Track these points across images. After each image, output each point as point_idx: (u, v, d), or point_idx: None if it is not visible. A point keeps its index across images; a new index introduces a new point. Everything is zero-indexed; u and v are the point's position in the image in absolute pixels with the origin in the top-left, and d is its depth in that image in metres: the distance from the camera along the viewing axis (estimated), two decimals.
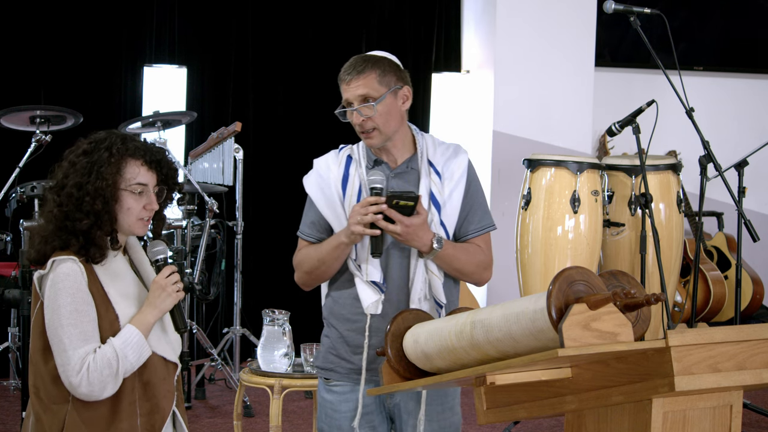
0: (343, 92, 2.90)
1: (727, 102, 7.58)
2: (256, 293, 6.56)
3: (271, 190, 6.76)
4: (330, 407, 2.94)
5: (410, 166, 2.93)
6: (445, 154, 2.96)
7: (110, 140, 2.60)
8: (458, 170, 2.94)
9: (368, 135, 2.88)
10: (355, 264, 2.86)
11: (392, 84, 2.89)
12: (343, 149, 3.01)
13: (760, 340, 2.04)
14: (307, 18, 6.85)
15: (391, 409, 2.94)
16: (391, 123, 2.89)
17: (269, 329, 3.90)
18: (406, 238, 2.77)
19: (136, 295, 2.62)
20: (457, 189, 2.92)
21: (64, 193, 2.56)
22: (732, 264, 6.66)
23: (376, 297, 2.85)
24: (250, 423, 5.23)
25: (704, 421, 2.09)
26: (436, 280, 2.88)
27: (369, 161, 2.95)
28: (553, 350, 1.93)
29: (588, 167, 4.91)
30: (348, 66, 2.91)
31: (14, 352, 5.60)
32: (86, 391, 2.47)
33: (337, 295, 2.95)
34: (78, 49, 6.35)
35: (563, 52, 6.83)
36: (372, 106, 2.85)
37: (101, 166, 2.55)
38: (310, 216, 2.99)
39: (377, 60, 2.92)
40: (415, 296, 2.86)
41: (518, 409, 2.28)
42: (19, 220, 5.14)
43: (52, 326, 2.50)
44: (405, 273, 2.88)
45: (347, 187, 2.91)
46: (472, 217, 2.96)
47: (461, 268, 2.92)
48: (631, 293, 2.05)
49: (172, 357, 2.65)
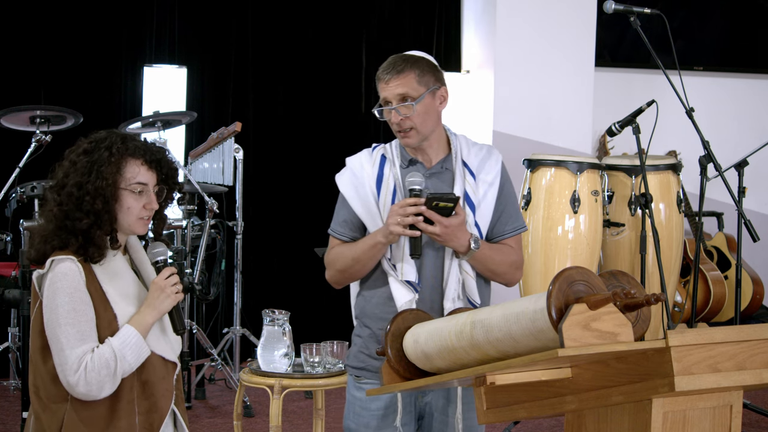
0: (380, 91, 2.91)
1: (727, 102, 7.58)
2: (256, 293, 6.56)
3: (271, 190, 6.76)
4: (359, 405, 2.95)
5: (445, 167, 2.95)
6: (479, 154, 2.98)
7: (110, 140, 2.60)
8: (492, 171, 2.96)
9: (406, 134, 2.90)
10: (390, 263, 2.87)
11: (431, 84, 2.91)
12: (377, 148, 3.01)
13: (760, 340, 2.04)
14: (307, 18, 6.85)
15: (422, 408, 2.95)
16: (428, 123, 2.91)
17: (269, 329, 3.89)
18: (445, 238, 2.79)
19: (135, 295, 2.62)
20: (491, 190, 2.94)
21: (65, 193, 2.56)
22: (732, 264, 6.66)
23: (410, 296, 2.86)
24: (250, 423, 5.23)
25: (704, 421, 2.09)
26: (470, 280, 2.90)
27: (403, 161, 2.96)
28: (553, 350, 1.93)
29: (588, 167, 4.91)
30: (387, 65, 2.92)
31: (14, 352, 5.60)
32: (84, 390, 2.48)
33: (369, 294, 2.97)
34: (78, 49, 6.35)
35: (563, 52, 6.83)
36: (411, 106, 2.86)
37: (101, 166, 2.56)
38: (342, 214, 3.00)
39: (416, 60, 2.93)
40: (449, 296, 2.87)
41: (518, 409, 2.28)
42: (19, 220, 5.14)
43: (50, 325, 2.50)
44: (439, 273, 2.89)
45: (382, 187, 2.92)
46: (506, 218, 2.98)
47: (495, 268, 2.94)
48: (631, 293, 2.05)
49: (171, 356, 2.65)
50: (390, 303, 2.88)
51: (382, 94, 2.90)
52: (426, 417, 2.95)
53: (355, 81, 6.89)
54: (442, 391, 2.92)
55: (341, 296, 7.60)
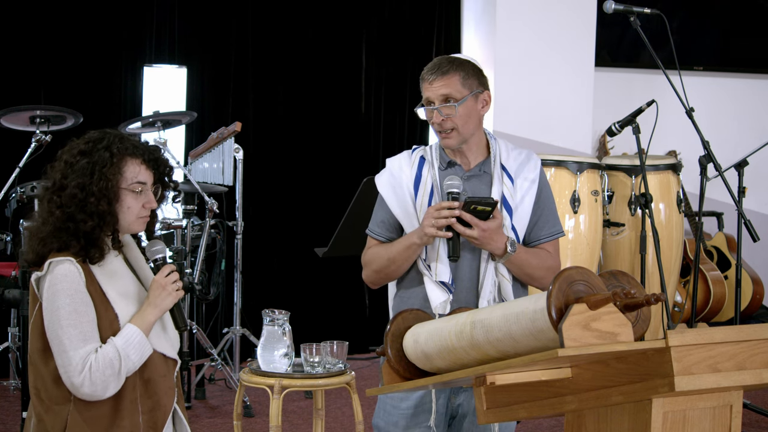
0: (424, 91, 2.94)
1: (727, 102, 7.58)
2: (256, 293, 6.56)
3: (271, 190, 6.76)
4: (390, 403, 2.97)
5: (483, 170, 2.97)
6: (517, 159, 3.00)
7: (108, 140, 2.61)
8: (530, 175, 2.98)
9: (447, 135, 2.92)
10: (425, 264, 2.89)
11: (474, 87, 2.93)
12: (416, 150, 3.04)
13: (760, 340, 2.04)
14: (307, 18, 6.85)
15: (454, 409, 2.96)
16: (469, 125, 2.93)
17: (269, 329, 3.89)
18: (482, 242, 2.81)
19: (134, 294, 2.63)
20: (528, 194, 2.97)
21: (66, 195, 2.56)
22: (732, 264, 6.66)
23: (445, 297, 2.87)
24: (250, 423, 5.23)
25: (704, 421, 2.09)
26: (506, 282, 2.91)
27: (442, 163, 2.99)
28: (553, 350, 1.94)
29: (588, 167, 4.91)
30: (432, 66, 2.94)
31: (14, 352, 5.60)
32: (89, 391, 2.48)
33: (405, 295, 2.99)
34: (78, 49, 6.35)
35: (563, 52, 6.83)
36: (453, 107, 2.88)
37: (103, 167, 2.56)
38: (380, 215, 3.03)
39: (461, 62, 2.95)
40: (484, 298, 2.89)
41: (518, 409, 2.28)
42: (19, 220, 5.14)
43: (52, 327, 2.50)
44: (475, 274, 2.91)
45: (419, 188, 2.95)
46: (544, 223, 3.00)
47: (532, 272, 2.95)
48: (631, 293, 2.05)
49: (172, 353, 2.66)
50: (426, 304, 2.90)
51: (426, 94, 2.93)
52: (458, 418, 2.96)
53: (355, 81, 6.89)
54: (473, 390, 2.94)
55: (341, 296, 7.62)
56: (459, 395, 2.95)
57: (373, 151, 6.99)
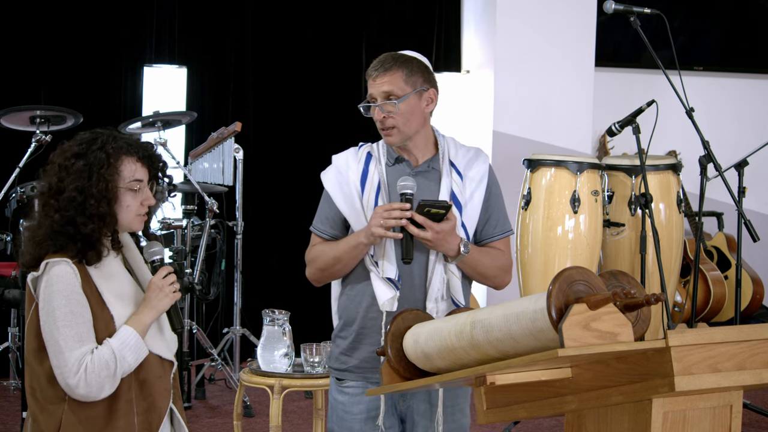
0: (369, 87, 2.92)
1: (727, 102, 7.57)
2: (256, 293, 6.56)
3: (271, 190, 6.76)
4: (342, 408, 2.94)
5: (431, 166, 2.95)
6: (466, 156, 2.98)
7: (102, 140, 2.59)
8: (479, 172, 2.97)
9: (388, 132, 2.90)
10: (372, 260, 2.87)
11: (418, 85, 2.91)
12: (363, 146, 3.02)
13: (760, 340, 2.04)
14: (307, 18, 6.85)
15: (403, 411, 2.94)
16: (411, 123, 2.91)
17: (269, 329, 3.90)
18: (436, 243, 2.79)
19: (130, 295, 2.61)
20: (478, 191, 2.95)
21: (65, 198, 2.54)
22: (732, 264, 6.66)
23: (391, 294, 2.85)
24: (250, 423, 5.23)
25: (704, 421, 2.09)
26: (456, 280, 2.89)
27: (390, 159, 2.96)
28: (553, 350, 1.93)
29: (588, 167, 4.91)
30: (377, 62, 2.94)
31: (14, 352, 5.60)
32: (84, 392, 2.48)
33: (353, 294, 2.95)
34: (78, 49, 6.35)
35: (563, 52, 6.83)
36: (394, 104, 2.86)
37: (101, 168, 2.55)
38: (325, 211, 3.01)
39: (406, 59, 2.94)
40: (432, 295, 2.87)
41: (518, 409, 2.28)
42: (19, 220, 5.13)
43: (48, 328, 2.49)
44: (423, 272, 2.89)
45: (366, 184, 2.92)
46: (495, 221, 2.98)
47: (485, 272, 2.94)
48: (631, 293, 2.05)
49: (168, 355, 2.65)
50: (373, 302, 2.88)
51: (370, 90, 2.92)
52: (407, 421, 2.94)
53: (355, 81, 6.89)
54: (424, 394, 2.91)
55: None
56: (408, 398, 2.92)
57: None
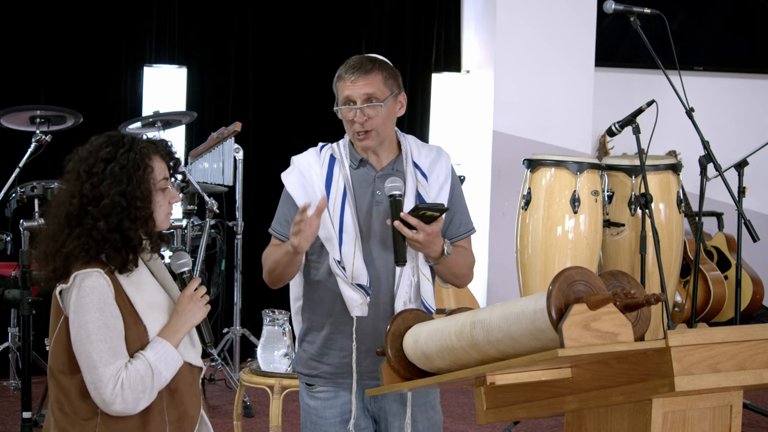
0: (343, 89, 2.85)
1: (727, 102, 7.58)
2: (256, 293, 6.55)
3: (271, 190, 6.73)
4: (314, 414, 2.92)
5: (395, 168, 2.92)
6: (429, 156, 2.96)
7: (126, 141, 2.53)
8: (443, 172, 2.94)
9: (366, 135, 2.85)
10: (340, 266, 2.83)
11: (394, 88, 2.89)
12: (324, 147, 2.97)
13: (760, 340, 2.04)
14: (307, 18, 6.85)
15: (376, 413, 2.93)
16: (388, 126, 2.89)
17: (269, 329, 3.90)
18: (424, 245, 2.76)
19: (161, 304, 2.56)
20: (443, 190, 2.93)
21: (106, 205, 2.46)
22: (732, 264, 6.66)
23: (363, 299, 2.82)
24: (250, 423, 5.23)
25: (704, 421, 2.09)
26: (427, 282, 2.88)
27: (353, 161, 2.92)
28: (553, 350, 1.93)
29: (588, 167, 4.91)
30: (354, 64, 2.87)
31: (14, 352, 5.59)
32: (120, 408, 2.42)
33: (317, 297, 2.91)
34: (78, 49, 6.35)
35: (563, 52, 6.83)
36: (379, 107, 2.83)
37: (137, 170, 2.49)
38: (284, 213, 2.97)
39: (382, 62, 2.90)
40: (401, 299, 2.84)
41: (518, 409, 2.28)
42: (19, 220, 5.14)
43: (80, 342, 2.42)
44: (390, 275, 2.86)
45: (332, 187, 2.88)
46: (459, 221, 2.97)
47: (458, 271, 2.93)
48: (631, 293, 2.05)
49: (198, 361, 2.61)
50: (341, 306, 2.84)
51: (345, 93, 2.84)
52: (381, 422, 2.93)
53: None
54: (395, 395, 2.90)
55: None
56: (378, 399, 2.91)
57: None
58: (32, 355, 4.89)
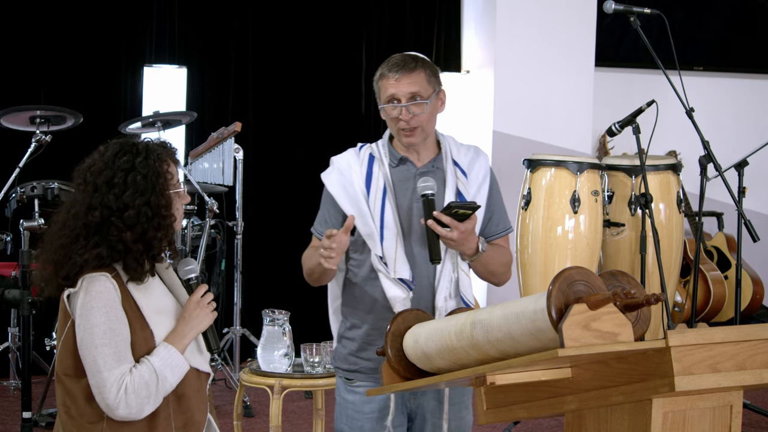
0: (386, 88, 2.88)
1: (727, 102, 7.57)
2: (256, 293, 6.56)
3: (271, 190, 6.76)
4: (352, 408, 2.94)
5: (435, 166, 2.96)
6: (467, 154, 3.00)
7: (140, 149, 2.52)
8: (482, 171, 2.98)
9: (411, 133, 2.89)
10: (381, 261, 2.86)
11: (436, 86, 2.92)
12: (363, 147, 3.01)
13: (760, 340, 2.04)
14: (307, 18, 6.85)
15: (413, 409, 2.94)
16: (432, 123, 2.93)
17: (269, 329, 3.90)
18: (459, 243, 2.79)
19: (169, 309, 2.56)
20: (482, 189, 2.96)
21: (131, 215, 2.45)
22: (732, 264, 6.66)
23: (405, 294, 2.85)
24: (250, 423, 5.23)
25: (704, 421, 2.09)
26: (466, 278, 2.90)
27: (393, 159, 2.96)
28: (553, 350, 1.94)
29: (588, 167, 4.91)
30: (398, 62, 2.89)
31: (14, 352, 5.59)
32: (124, 413, 2.41)
33: (359, 294, 2.95)
34: (78, 49, 6.35)
35: (563, 52, 6.83)
36: (424, 104, 2.86)
37: (158, 178, 2.50)
38: (324, 213, 3.01)
39: (425, 60, 2.93)
40: (441, 295, 2.87)
41: (518, 409, 2.28)
42: (19, 220, 5.14)
43: (86, 346, 2.42)
44: (431, 271, 2.89)
45: (371, 186, 2.92)
46: (497, 219, 3.00)
47: (495, 269, 2.95)
48: (631, 293, 2.05)
49: (206, 367, 2.60)
50: (383, 302, 2.87)
51: (390, 91, 2.87)
52: (417, 419, 2.95)
53: (355, 81, 6.89)
54: (433, 392, 2.92)
55: None
56: (418, 396, 2.93)
57: None
58: (32, 355, 4.89)
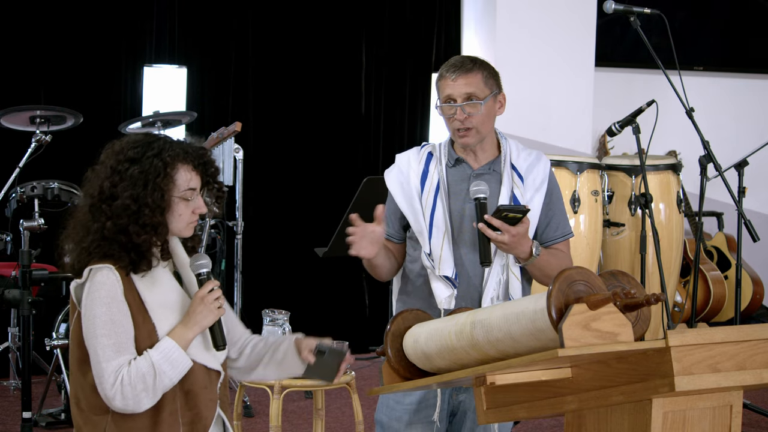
0: (444, 88, 2.93)
1: (727, 102, 7.58)
2: (256, 293, 6.55)
3: (271, 190, 6.76)
4: (393, 399, 2.97)
5: (493, 168, 2.98)
6: (527, 159, 3.01)
7: (158, 145, 2.52)
8: (540, 176, 3.00)
9: (466, 133, 2.92)
10: (429, 258, 2.90)
11: (494, 88, 2.95)
12: (425, 146, 3.06)
13: (760, 340, 2.04)
14: (307, 18, 6.85)
15: (456, 406, 2.97)
16: (487, 125, 2.95)
17: (269, 329, 3.90)
18: (511, 246, 2.80)
19: (175, 303, 2.53)
20: (538, 194, 2.97)
21: (118, 205, 2.46)
22: (732, 264, 6.66)
23: (449, 292, 2.88)
24: (250, 423, 5.23)
25: (704, 421, 2.09)
26: (516, 282, 2.92)
27: (450, 159, 3.00)
28: (553, 350, 1.94)
29: (588, 167, 4.92)
30: (455, 63, 2.94)
31: (14, 352, 5.59)
32: (120, 405, 2.41)
33: (411, 290, 3.00)
34: (78, 49, 6.35)
35: (563, 52, 6.83)
36: (479, 105, 2.89)
37: (157, 176, 2.47)
38: (387, 210, 3.03)
39: (483, 62, 2.97)
40: (488, 296, 2.89)
41: (518, 409, 2.28)
42: (19, 220, 5.13)
43: (88, 336, 2.43)
44: (480, 271, 2.91)
45: (426, 183, 2.96)
46: (556, 224, 3.01)
47: (551, 273, 2.93)
48: (631, 293, 2.05)
49: (215, 365, 2.57)
50: (431, 300, 2.91)
51: (446, 92, 2.92)
52: (459, 414, 2.97)
53: (355, 81, 6.89)
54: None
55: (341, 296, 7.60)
56: (461, 392, 2.96)
57: (372, 151, 6.99)
58: (32, 355, 4.89)
